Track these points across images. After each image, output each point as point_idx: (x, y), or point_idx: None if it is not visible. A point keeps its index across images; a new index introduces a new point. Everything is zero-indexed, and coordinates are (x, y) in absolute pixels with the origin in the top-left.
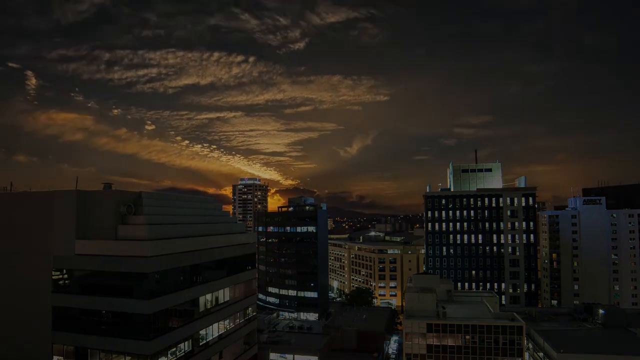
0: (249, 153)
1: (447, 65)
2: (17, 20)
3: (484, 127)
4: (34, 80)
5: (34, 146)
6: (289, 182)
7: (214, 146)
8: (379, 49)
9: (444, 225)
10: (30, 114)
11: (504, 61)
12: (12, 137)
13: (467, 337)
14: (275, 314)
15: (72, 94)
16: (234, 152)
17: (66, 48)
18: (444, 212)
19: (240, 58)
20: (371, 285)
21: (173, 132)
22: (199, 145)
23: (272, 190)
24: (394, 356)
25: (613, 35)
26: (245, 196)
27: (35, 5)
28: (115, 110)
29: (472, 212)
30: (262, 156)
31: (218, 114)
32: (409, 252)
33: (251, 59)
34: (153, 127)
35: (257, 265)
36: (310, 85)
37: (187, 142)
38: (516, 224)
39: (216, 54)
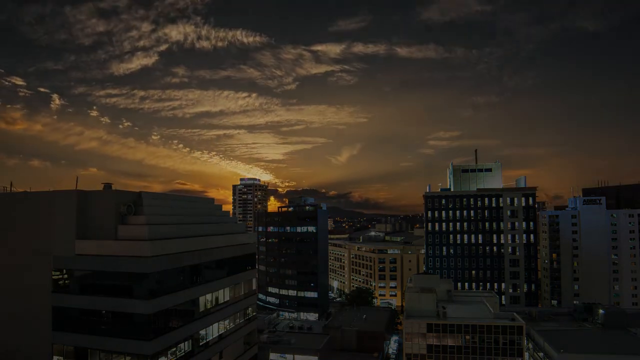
0: (250, 160)
1: (410, 98)
2: (83, 73)
3: (455, 140)
4: (57, 101)
5: (50, 153)
6: (286, 185)
7: (214, 152)
8: (354, 88)
9: (444, 225)
10: (52, 126)
11: (451, 95)
12: (31, 145)
13: (467, 337)
14: (275, 314)
15: (89, 111)
16: (236, 159)
17: (112, 89)
18: (444, 212)
19: (245, 94)
20: (371, 285)
21: (177, 141)
22: (199, 152)
23: (283, 190)
24: (394, 356)
25: (532, 76)
26: (246, 196)
27: (99, 64)
28: (127, 123)
29: (472, 212)
30: (262, 163)
31: (225, 131)
32: (409, 252)
33: (253, 94)
34: (158, 136)
35: (257, 265)
36: (302, 111)
37: (188, 149)
38: (516, 224)
39: (226, 92)
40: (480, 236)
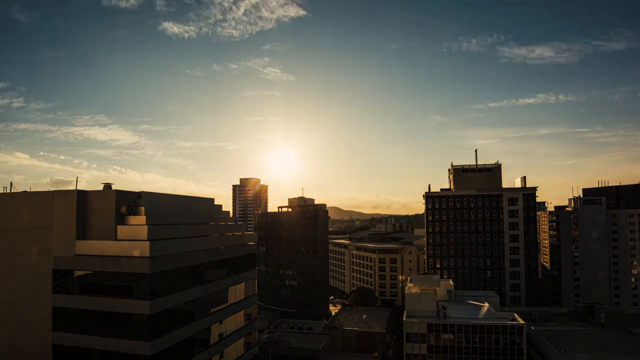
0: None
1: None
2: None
3: None
4: None
5: None
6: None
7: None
8: None
9: (444, 225)
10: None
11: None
12: None
13: (468, 337)
14: (275, 314)
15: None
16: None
17: None
18: (444, 212)
19: None
20: (371, 285)
21: None
22: None
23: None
24: (394, 356)
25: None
26: (246, 196)
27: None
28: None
29: (472, 212)
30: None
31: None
32: (409, 252)
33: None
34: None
35: (257, 265)
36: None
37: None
38: (516, 224)
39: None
40: (480, 236)
